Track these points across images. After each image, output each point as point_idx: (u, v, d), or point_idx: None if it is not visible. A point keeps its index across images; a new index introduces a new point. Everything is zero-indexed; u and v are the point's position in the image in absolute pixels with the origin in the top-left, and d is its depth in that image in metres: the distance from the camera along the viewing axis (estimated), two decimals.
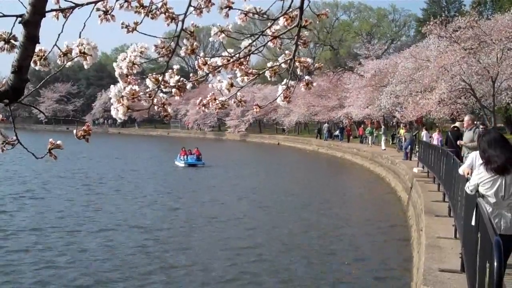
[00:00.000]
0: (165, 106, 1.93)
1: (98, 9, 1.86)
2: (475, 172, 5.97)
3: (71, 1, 1.78)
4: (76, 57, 1.80)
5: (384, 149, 35.07)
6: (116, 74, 1.89)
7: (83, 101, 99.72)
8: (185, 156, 34.59)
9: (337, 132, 53.03)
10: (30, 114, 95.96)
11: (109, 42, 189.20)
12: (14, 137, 1.85)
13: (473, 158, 7.59)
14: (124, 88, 1.85)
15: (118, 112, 1.85)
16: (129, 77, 1.88)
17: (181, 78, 1.94)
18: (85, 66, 1.87)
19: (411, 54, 30.97)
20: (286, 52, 2.09)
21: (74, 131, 1.86)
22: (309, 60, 2.10)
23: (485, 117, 26.66)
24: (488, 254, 4.06)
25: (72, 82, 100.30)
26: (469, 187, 5.99)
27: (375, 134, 40.10)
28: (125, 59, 1.88)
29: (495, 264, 3.58)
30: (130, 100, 1.84)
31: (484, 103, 25.99)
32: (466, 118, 13.59)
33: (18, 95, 1.69)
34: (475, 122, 14.64)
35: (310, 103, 55.34)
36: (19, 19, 1.61)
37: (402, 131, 30.98)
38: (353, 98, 45.37)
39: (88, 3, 1.80)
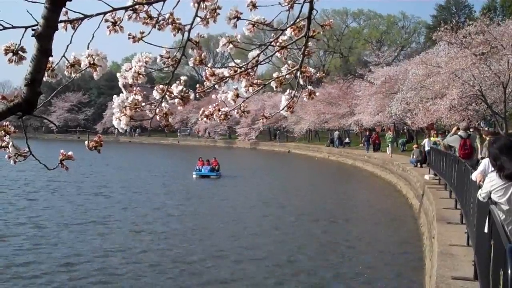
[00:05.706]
0: (167, 116, 1.91)
1: (107, 20, 1.85)
2: (487, 179, 5.91)
3: (80, 12, 1.78)
4: (86, 68, 1.80)
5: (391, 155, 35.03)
6: (120, 84, 1.89)
7: (94, 110, 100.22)
8: (201, 167, 32.91)
9: (347, 140, 53.00)
10: (42, 123, 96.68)
11: (120, 52, 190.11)
12: (26, 149, 1.86)
13: (485, 164, 7.55)
14: (127, 98, 1.85)
15: (120, 122, 1.84)
16: (133, 87, 1.87)
17: (185, 89, 1.93)
18: (95, 77, 1.88)
19: (422, 60, 30.82)
20: (289, 62, 2.09)
21: (86, 142, 1.87)
22: (311, 69, 2.09)
23: (496, 123, 26.48)
24: (501, 261, 4.03)
25: (83, 92, 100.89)
26: (481, 194, 5.95)
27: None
28: (130, 69, 1.88)
29: (509, 272, 3.55)
30: (133, 110, 1.84)
31: (495, 109, 25.83)
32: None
33: (31, 108, 1.69)
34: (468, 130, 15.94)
35: (321, 110, 55.34)
36: (32, 32, 1.61)
37: (433, 139, 27.08)
38: (364, 105, 45.29)
39: (97, 14, 1.79)
